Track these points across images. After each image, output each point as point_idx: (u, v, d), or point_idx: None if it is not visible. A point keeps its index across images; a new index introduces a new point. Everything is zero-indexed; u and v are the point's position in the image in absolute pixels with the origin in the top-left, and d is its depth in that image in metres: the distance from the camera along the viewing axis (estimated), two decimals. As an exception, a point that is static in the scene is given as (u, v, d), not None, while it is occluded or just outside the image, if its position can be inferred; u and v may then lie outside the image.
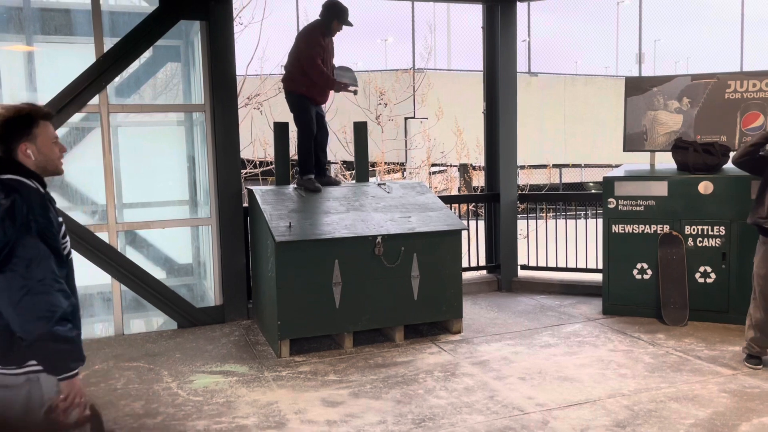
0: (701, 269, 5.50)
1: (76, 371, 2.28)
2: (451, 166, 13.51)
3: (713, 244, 5.45)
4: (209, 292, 6.18)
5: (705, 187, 5.46)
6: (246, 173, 11.45)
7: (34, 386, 2.26)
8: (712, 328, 5.33)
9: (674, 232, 5.54)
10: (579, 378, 4.39)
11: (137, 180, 6.16)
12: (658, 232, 5.61)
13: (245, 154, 10.72)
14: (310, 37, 5.45)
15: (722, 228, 5.40)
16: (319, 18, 5.51)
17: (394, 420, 3.79)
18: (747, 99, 5.69)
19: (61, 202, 5.63)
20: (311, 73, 5.40)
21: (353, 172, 6.29)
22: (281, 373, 4.59)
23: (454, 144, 12.19)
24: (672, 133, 5.92)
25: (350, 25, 5.54)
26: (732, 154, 5.39)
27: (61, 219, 2.38)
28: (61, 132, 5.59)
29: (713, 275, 5.45)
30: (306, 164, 5.62)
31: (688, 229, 5.52)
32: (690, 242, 5.52)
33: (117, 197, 5.72)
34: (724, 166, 5.63)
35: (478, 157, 11.24)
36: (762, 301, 4.48)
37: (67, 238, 2.42)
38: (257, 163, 11.76)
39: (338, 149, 11.15)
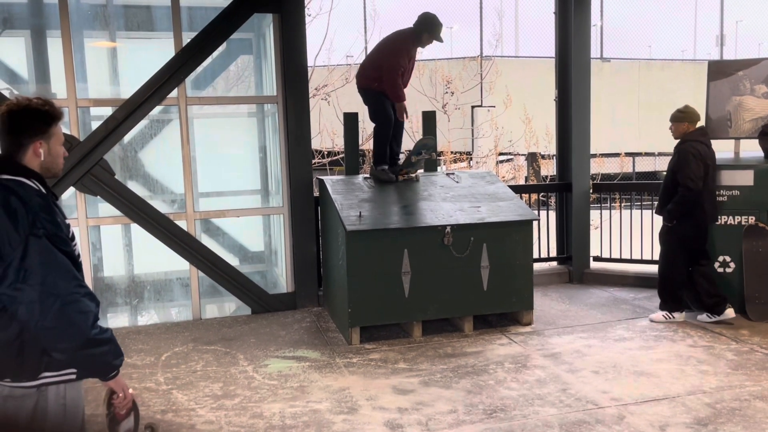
0: (790, 263, 5.21)
1: (119, 368, 2.23)
2: (518, 155, 13.28)
3: (804, 237, 5.14)
4: (281, 279, 6.34)
5: (795, 176, 5.16)
6: (314, 163, 11.63)
7: (42, 397, 2.16)
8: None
9: (761, 224, 5.27)
10: (656, 373, 4.25)
11: (212, 170, 6.37)
12: (743, 223, 5.34)
13: (313, 144, 10.90)
14: (398, 47, 5.41)
15: (814, 219, 5.09)
16: (411, 27, 5.46)
17: (465, 410, 3.79)
18: (844, 82, 5.32)
19: (142, 191, 5.90)
20: (386, 80, 5.38)
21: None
22: (352, 359, 4.67)
23: (522, 132, 11.97)
24: (759, 119, 5.61)
25: (441, 41, 5.49)
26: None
27: (68, 221, 2.21)
28: (141, 124, 5.85)
29: (803, 269, 5.15)
30: (381, 155, 5.63)
31: (775, 221, 5.23)
32: (778, 234, 5.23)
33: (193, 187, 5.93)
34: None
35: (547, 146, 11.00)
36: None
37: (76, 240, 2.25)
38: (325, 153, 11.92)
39: (404, 139, 11.14)
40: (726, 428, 3.46)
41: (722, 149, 6.08)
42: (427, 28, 5.42)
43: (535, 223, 5.52)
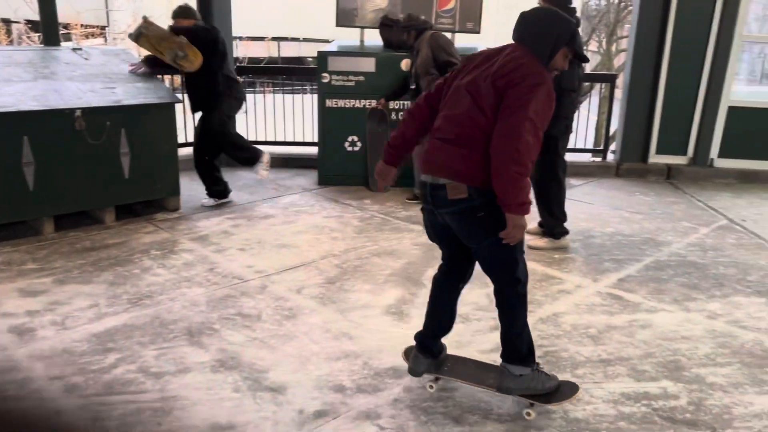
0: (402, 140, 6.09)
1: None
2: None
3: (412, 118, 6.04)
4: None
5: (406, 64, 5.93)
6: None
7: None
8: (409, 193, 6.04)
9: (380, 106, 5.99)
10: (296, 244, 4.66)
11: None
12: (367, 106, 6.01)
13: None
14: None
15: (419, 103, 5.98)
16: None
17: (107, 302, 3.62)
18: (443, -17, 6.19)
19: None
20: None
21: (40, 34, 5.40)
22: (-36, 267, 4.00)
23: (164, 8, 11.12)
24: (380, 11, 6.22)
25: None
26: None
27: None
28: None
29: (411, 145, 6.09)
30: None
31: (392, 104, 6.01)
32: (393, 116, 6.04)
33: None
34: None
35: (192, 26, 10.47)
36: None
37: None
38: None
39: (20, 5, 9.37)
40: (350, 283, 4.03)
41: (350, 38, 6.64)
42: None
43: (179, 106, 5.31)
